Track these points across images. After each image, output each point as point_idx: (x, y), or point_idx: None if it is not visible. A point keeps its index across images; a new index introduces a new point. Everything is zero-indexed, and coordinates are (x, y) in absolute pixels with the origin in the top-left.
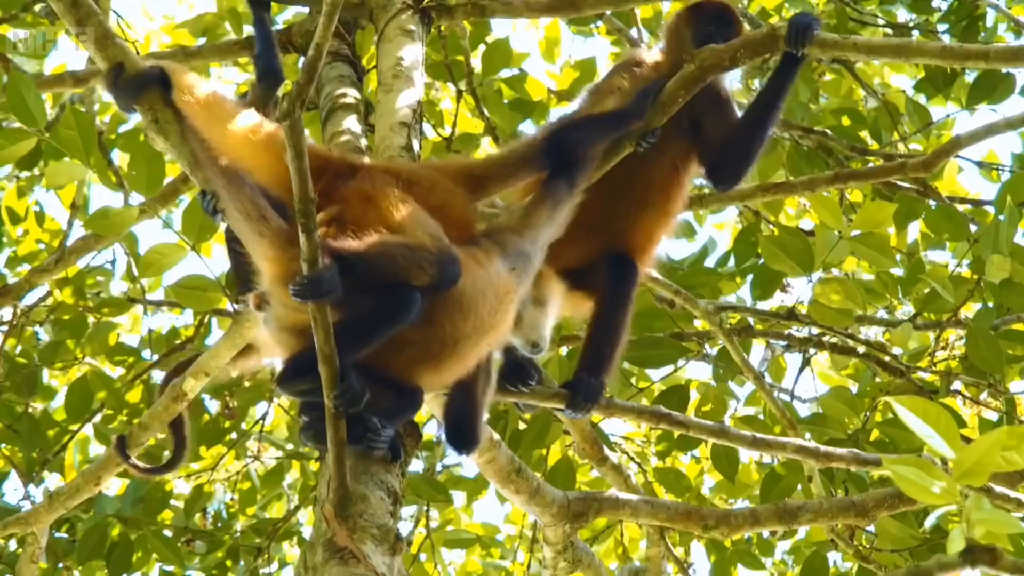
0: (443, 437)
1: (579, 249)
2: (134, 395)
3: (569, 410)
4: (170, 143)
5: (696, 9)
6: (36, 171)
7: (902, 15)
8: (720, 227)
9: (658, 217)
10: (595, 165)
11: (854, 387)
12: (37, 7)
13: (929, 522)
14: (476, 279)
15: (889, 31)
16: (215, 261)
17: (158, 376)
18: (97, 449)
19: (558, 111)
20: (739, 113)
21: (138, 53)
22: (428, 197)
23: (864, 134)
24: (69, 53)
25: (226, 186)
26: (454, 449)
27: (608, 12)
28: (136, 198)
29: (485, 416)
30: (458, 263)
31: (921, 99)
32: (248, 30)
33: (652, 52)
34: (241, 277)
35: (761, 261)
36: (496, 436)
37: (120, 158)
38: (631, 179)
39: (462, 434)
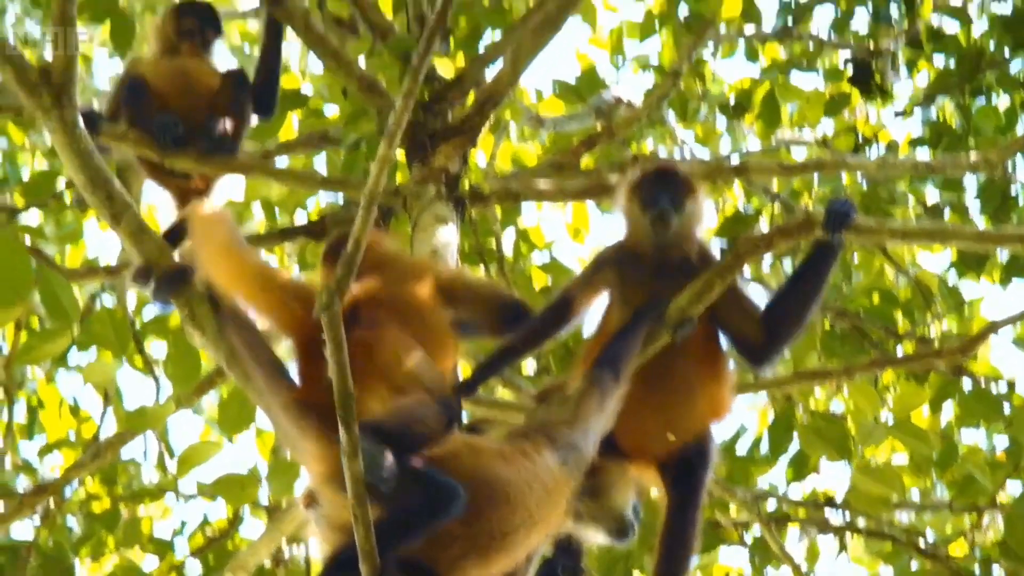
0: None
1: (643, 443)
2: None
3: None
4: (207, 338)
5: (637, 178)
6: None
7: (933, 195)
8: (752, 408)
9: (707, 390)
10: (637, 355)
11: (889, 571)
12: (67, 196)
13: None
14: (523, 471)
15: (921, 210)
16: (249, 452)
17: (192, 568)
18: None
19: None
20: (752, 292)
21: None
22: (413, 324)
23: (896, 314)
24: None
25: (267, 382)
26: None
27: None
28: (167, 383)
29: None
30: (455, 405)
31: (952, 275)
32: (281, 219)
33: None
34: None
35: (797, 446)
36: None
37: (150, 345)
38: (665, 369)
39: None
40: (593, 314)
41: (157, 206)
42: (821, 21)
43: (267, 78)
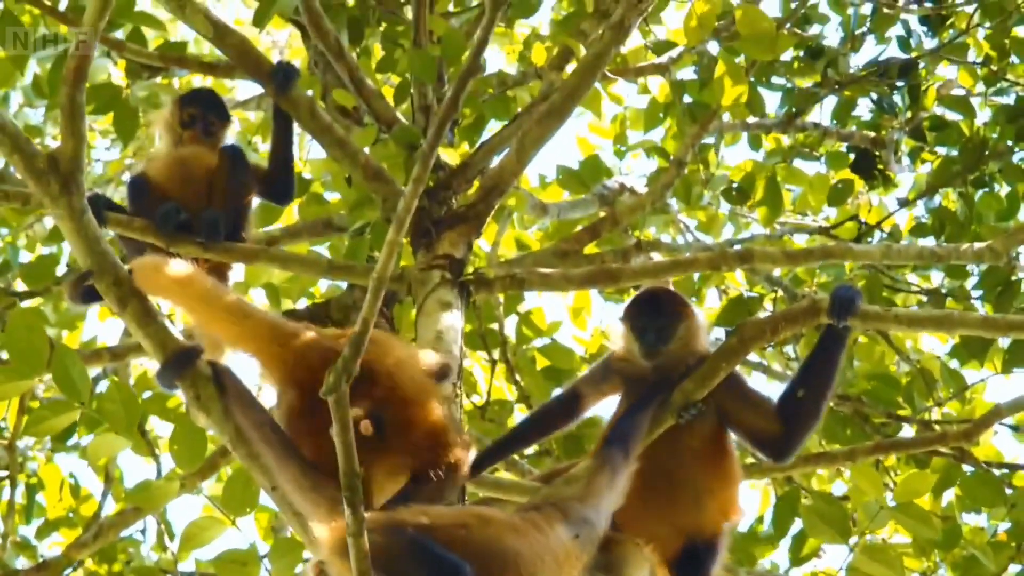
0: None
1: (651, 542)
2: None
3: None
4: (212, 419)
5: (630, 305)
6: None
7: (936, 277)
8: (753, 487)
9: (716, 493)
10: (644, 434)
11: None
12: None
13: None
14: (534, 543)
15: (923, 297)
16: (248, 530)
17: None
18: None
19: None
20: (753, 383)
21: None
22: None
23: (898, 398)
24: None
25: (276, 459)
26: None
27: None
28: (168, 462)
29: None
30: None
31: (954, 363)
32: (284, 304)
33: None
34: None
35: (799, 527)
36: None
37: (151, 423)
38: (675, 473)
39: None
40: (601, 409)
41: None
42: (824, 110)
43: (281, 166)
